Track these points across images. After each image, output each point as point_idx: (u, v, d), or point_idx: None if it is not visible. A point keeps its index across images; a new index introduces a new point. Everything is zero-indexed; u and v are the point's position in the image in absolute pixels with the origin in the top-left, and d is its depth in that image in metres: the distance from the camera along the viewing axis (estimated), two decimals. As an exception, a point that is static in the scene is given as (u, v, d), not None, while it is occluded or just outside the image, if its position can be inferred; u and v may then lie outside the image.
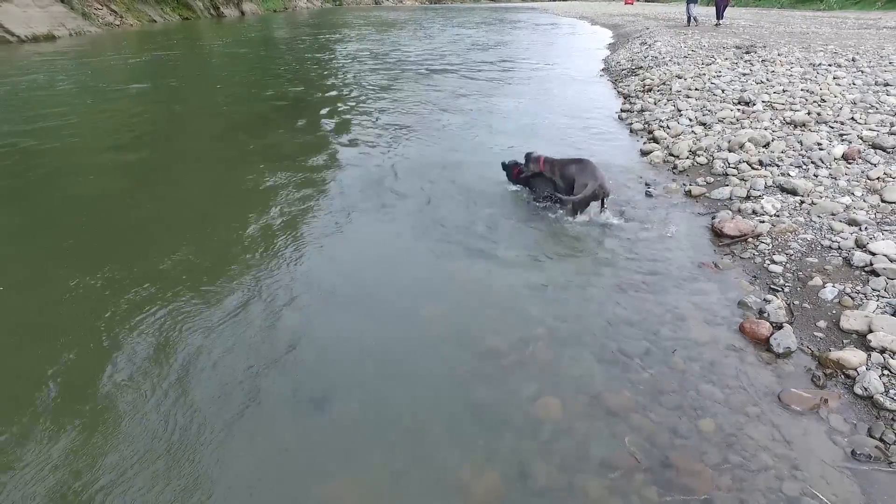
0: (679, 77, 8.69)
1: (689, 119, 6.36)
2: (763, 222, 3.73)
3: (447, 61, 13.66)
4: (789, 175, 4.42)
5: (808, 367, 2.46)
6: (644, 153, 5.65)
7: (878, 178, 4.13)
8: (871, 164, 4.45)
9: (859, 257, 3.09)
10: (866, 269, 3.03)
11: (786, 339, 2.57)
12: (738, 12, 27.61)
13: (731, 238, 3.62)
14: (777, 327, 2.69)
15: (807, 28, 16.00)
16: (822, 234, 3.48)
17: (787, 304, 2.89)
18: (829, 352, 2.48)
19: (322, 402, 2.33)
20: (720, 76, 8.42)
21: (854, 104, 6.09)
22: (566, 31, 24.94)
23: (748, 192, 4.26)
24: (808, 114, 5.81)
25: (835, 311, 2.77)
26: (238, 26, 29.30)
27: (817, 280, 3.02)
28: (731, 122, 6.01)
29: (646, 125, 6.60)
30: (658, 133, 6.00)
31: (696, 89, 7.73)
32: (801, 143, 5.05)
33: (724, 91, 7.37)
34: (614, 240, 3.75)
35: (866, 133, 5.01)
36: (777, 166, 4.65)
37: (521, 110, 8.04)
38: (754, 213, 3.92)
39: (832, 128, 5.38)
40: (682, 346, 2.63)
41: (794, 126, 5.58)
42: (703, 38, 13.84)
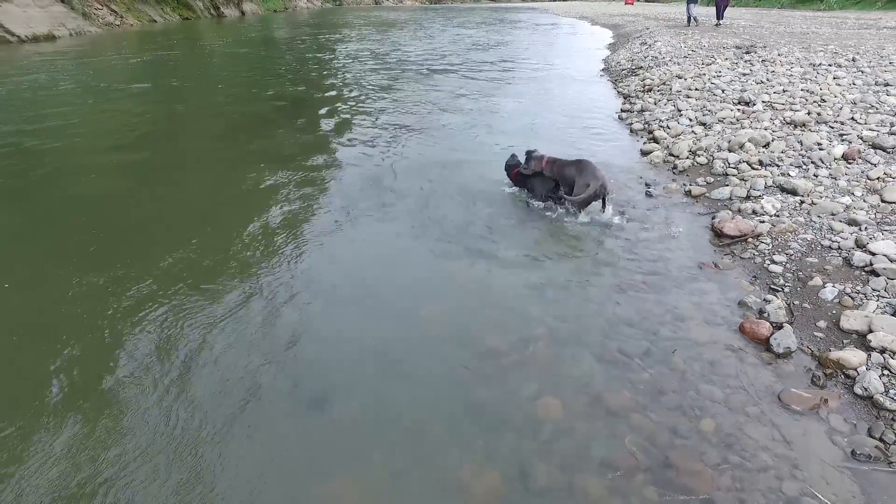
0: (679, 77, 8.69)
1: (690, 119, 6.36)
2: (763, 222, 3.73)
3: (447, 61, 13.66)
4: (789, 175, 4.42)
5: (808, 367, 2.46)
6: (644, 153, 5.65)
7: (878, 178, 4.13)
8: (871, 164, 4.45)
9: (859, 257, 3.09)
10: (866, 269, 3.03)
11: (786, 339, 2.57)
12: (738, 12, 27.62)
13: (732, 238, 3.63)
14: (777, 327, 2.69)
15: (807, 28, 16.00)
16: (822, 234, 3.48)
17: (787, 304, 2.89)
18: (829, 352, 2.48)
19: (322, 402, 2.33)
20: (720, 76, 8.42)
21: (854, 104, 6.09)
22: (566, 31, 24.94)
23: (748, 192, 4.26)
24: (808, 114, 5.81)
25: (835, 311, 2.77)
26: (238, 26, 29.31)
27: (817, 280, 3.02)
28: (731, 122, 6.01)
29: (646, 125, 6.60)
30: (658, 133, 6.01)
31: (696, 89, 7.73)
32: (801, 143, 5.05)
33: (724, 91, 7.37)
34: (614, 240, 3.75)
35: (866, 133, 5.01)
36: (777, 166, 4.65)
37: (521, 110, 8.04)
38: (754, 213, 3.92)
39: (832, 128, 5.38)
40: (682, 346, 2.64)
41: (794, 126, 5.58)
42: (704, 38, 13.84)
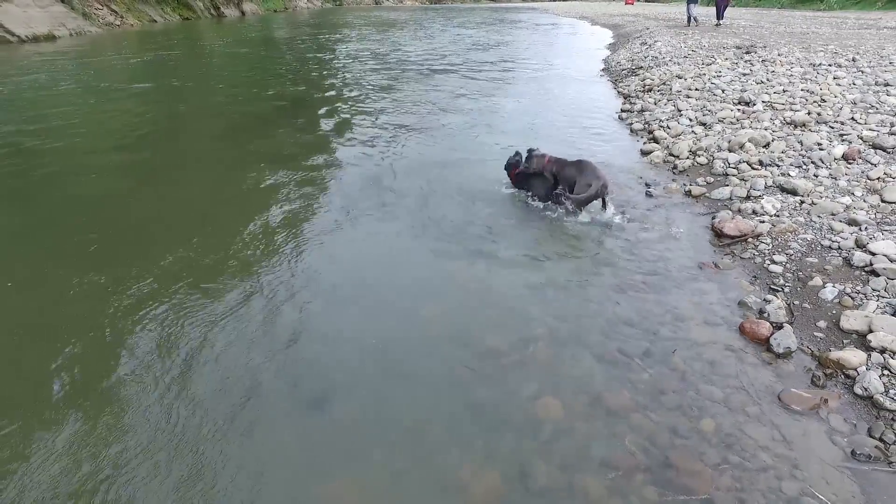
0: (679, 77, 8.69)
1: (690, 119, 6.36)
2: (763, 222, 3.73)
3: (448, 61, 13.66)
4: (789, 175, 4.42)
5: (808, 367, 2.46)
6: (644, 153, 5.65)
7: (878, 178, 4.13)
8: (872, 164, 4.45)
9: (859, 257, 3.09)
10: (866, 269, 3.03)
11: (786, 339, 2.57)
12: (738, 12, 27.62)
13: (732, 238, 3.63)
14: (777, 327, 2.69)
15: (807, 28, 16.00)
16: (822, 234, 3.48)
17: (787, 304, 2.89)
18: (829, 352, 2.48)
19: (322, 402, 2.33)
20: (720, 76, 8.42)
21: (854, 104, 6.09)
22: (566, 32, 24.94)
23: (748, 192, 4.26)
24: (809, 114, 5.81)
25: (835, 311, 2.77)
26: (238, 26, 29.31)
27: (817, 280, 3.02)
28: (731, 123, 6.01)
29: (646, 125, 6.60)
30: (658, 133, 6.00)
31: (696, 89, 7.73)
32: (801, 143, 5.05)
33: (724, 91, 7.37)
34: (614, 240, 3.75)
35: (866, 133, 5.01)
36: (777, 166, 4.65)
37: (521, 110, 8.04)
38: (754, 213, 3.92)
39: (832, 128, 5.38)
40: (682, 346, 2.64)
41: (795, 126, 5.58)
42: (704, 38, 13.84)
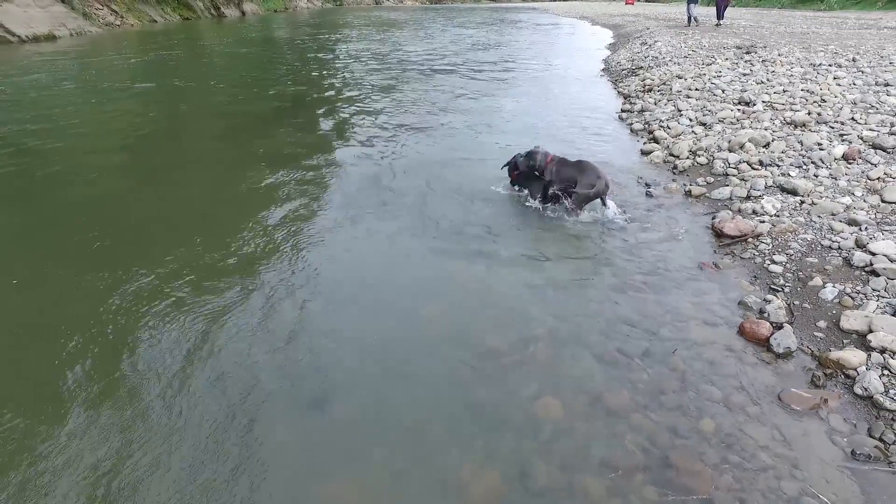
0: (679, 77, 8.69)
1: (690, 119, 6.36)
2: (763, 222, 3.73)
3: (448, 61, 13.66)
4: (789, 175, 4.42)
5: (808, 367, 2.46)
6: (644, 153, 5.65)
7: (878, 179, 4.13)
8: (872, 164, 4.45)
9: (859, 257, 3.09)
10: (866, 269, 3.03)
11: (786, 339, 2.57)
12: (738, 12, 27.62)
13: (732, 238, 3.63)
14: (777, 327, 2.69)
15: (807, 28, 16.00)
16: (823, 234, 3.48)
17: (788, 304, 2.89)
18: (829, 352, 2.48)
19: (322, 402, 2.33)
20: (720, 76, 8.42)
21: (854, 104, 6.09)
22: (567, 32, 24.94)
23: (748, 192, 4.26)
24: (809, 114, 5.81)
25: (835, 311, 2.77)
26: (239, 26, 29.31)
27: (817, 280, 3.02)
28: (731, 123, 6.01)
29: (646, 125, 6.60)
30: (658, 133, 6.01)
31: (696, 89, 7.73)
32: (801, 143, 5.05)
33: (724, 91, 7.37)
34: (614, 240, 3.75)
35: (866, 133, 5.01)
36: (777, 166, 4.65)
37: (521, 110, 8.04)
38: (754, 213, 3.92)
39: (832, 128, 5.38)
40: (682, 346, 2.64)
41: (795, 126, 5.58)
42: (704, 39, 13.84)
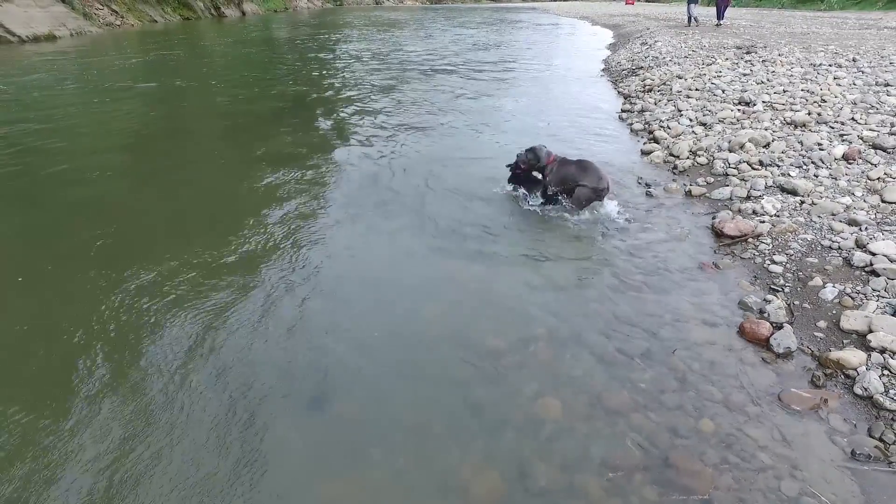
0: (679, 77, 8.69)
1: (690, 119, 6.36)
2: (763, 222, 3.73)
3: (448, 61, 13.66)
4: (789, 175, 4.42)
5: (808, 367, 2.46)
6: (644, 153, 5.65)
7: (878, 179, 4.13)
8: (872, 164, 4.45)
9: (859, 257, 3.09)
10: (866, 269, 3.03)
11: (786, 339, 2.57)
12: (738, 12, 27.62)
13: (732, 238, 3.63)
14: (777, 327, 2.69)
15: (807, 28, 16.00)
16: (823, 234, 3.48)
17: (788, 304, 2.89)
18: (829, 352, 2.48)
19: (322, 402, 2.33)
20: (721, 76, 8.42)
21: (854, 104, 6.09)
22: (567, 32, 24.94)
23: (748, 192, 4.26)
24: (809, 114, 5.81)
25: (835, 311, 2.77)
26: (239, 26, 29.32)
27: (817, 280, 3.02)
28: (731, 123, 6.01)
29: (646, 125, 6.60)
30: (658, 133, 6.00)
31: (696, 89, 7.73)
32: (801, 143, 5.05)
33: (724, 91, 7.37)
34: (614, 240, 3.75)
35: (867, 133, 5.01)
36: (777, 166, 4.65)
37: (521, 110, 8.05)
38: (754, 213, 3.92)
39: (832, 128, 5.38)
40: (682, 346, 2.64)
41: (795, 126, 5.58)
42: (704, 39, 13.84)
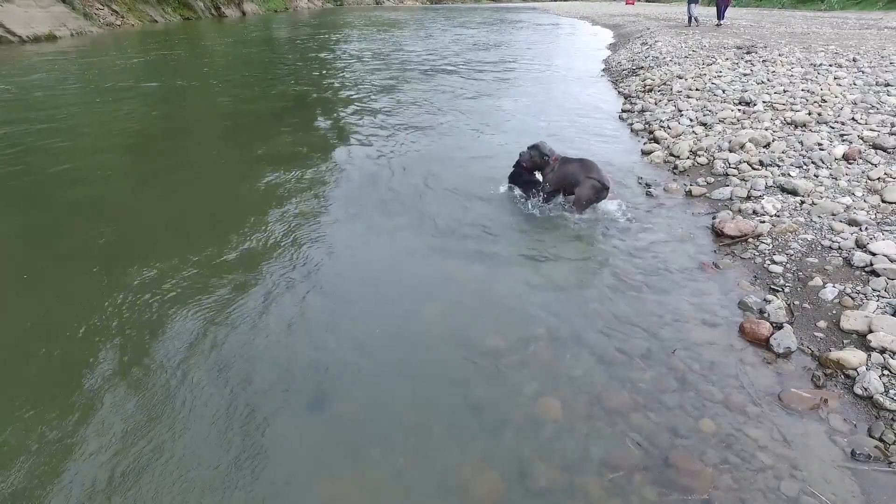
0: (680, 77, 8.69)
1: (690, 119, 6.36)
2: (763, 222, 3.73)
3: (449, 61, 13.66)
4: (790, 175, 4.42)
5: (808, 367, 2.46)
6: (645, 153, 5.65)
7: (878, 179, 4.13)
8: (872, 164, 4.44)
9: (859, 257, 3.09)
10: (866, 269, 3.03)
11: (786, 339, 2.57)
12: (738, 12, 27.60)
13: (732, 238, 3.62)
14: (777, 327, 2.69)
15: (808, 28, 15.99)
16: (823, 234, 3.48)
17: (788, 304, 2.89)
18: (829, 352, 2.48)
19: (322, 401, 2.33)
20: (721, 76, 8.42)
21: (855, 104, 6.08)
22: (567, 32, 24.94)
23: (749, 192, 4.26)
24: (809, 114, 5.81)
25: (835, 312, 2.77)
26: (240, 26, 29.32)
27: (817, 280, 3.02)
28: (731, 123, 6.00)
29: (646, 125, 6.60)
30: (659, 133, 6.00)
31: (696, 89, 7.73)
32: (801, 143, 5.04)
33: (724, 91, 7.37)
34: (614, 240, 3.75)
35: (867, 133, 5.01)
36: (777, 166, 4.65)
37: (522, 110, 8.05)
38: (755, 213, 3.92)
39: (833, 128, 5.37)
40: (683, 346, 2.64)
41: (795, 126, 5.58)
42: (704, 39, 13.83)
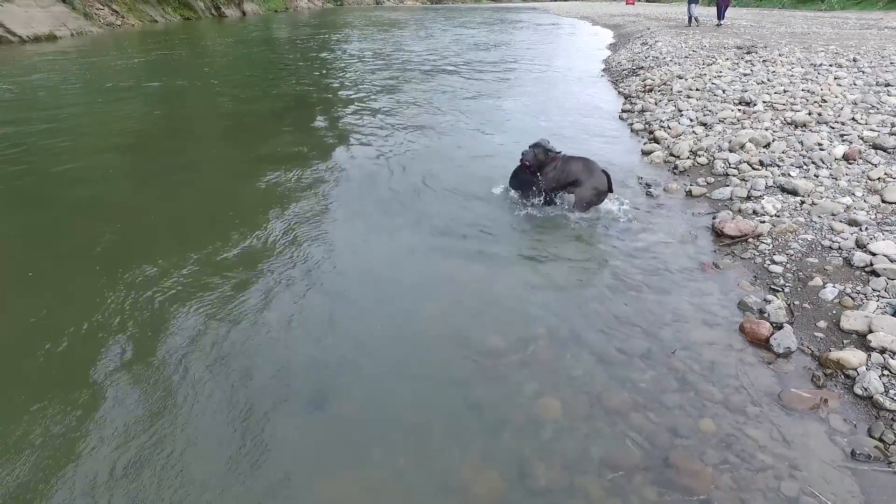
0: (680, 77, 8.69)
1: (690, 119, 6.36)
2: (763, 222, 3.73)
3: (449, 61, 13.66)
4: (790, 175, 4.42)
5: (808, 367, 2.46)
6: (645, 153, 5.65)
7: (878, 179, 4.13)
8: (872, 164, 4.44)
9: (860, 257, 3.09)
10: (867, 269, 3.03)
11: (786, 339, 2.57)
12: (739, 12, 27.59)
13: (732, 238, 3.63)
14: (777, 327, 2.69)
15: (808, 28, 15.98)
16: (823, 234, 3.48)
17: (788, 304, 2.89)
18: (830, 352, 2.48)
19: (322, 401, 2.33)
20: (721, 76, 8.42)
21: (855, 104, 6.08)
22: (567, 32, 24.93)
23: (749, 192, 4.26)
24: (809, 114, 5.81)
25: (835, 312, 2.77)
26: (240, 26, 29.33)
27: (818, 280, 3.02)
28: (731, 123, 6.00)
29: (647, 125, 6.60)
30: (659, 133, 6.00)
31: (696, 89, 7.73)
32: (801, 143, 5.04)
33: (724, 91, 7.37)
34: (614, 240, 3.75)
35: (867, 133, 5.01)
36: (778, 166, 4.65)
37: (522, 110, 8.05)
38: (755, 213, 3.92)
39: (833, 128, 5.37)
40: (682, 346, 2.64)
41: (795, 126, 5.58)
42: (704, 39, 13.83)
